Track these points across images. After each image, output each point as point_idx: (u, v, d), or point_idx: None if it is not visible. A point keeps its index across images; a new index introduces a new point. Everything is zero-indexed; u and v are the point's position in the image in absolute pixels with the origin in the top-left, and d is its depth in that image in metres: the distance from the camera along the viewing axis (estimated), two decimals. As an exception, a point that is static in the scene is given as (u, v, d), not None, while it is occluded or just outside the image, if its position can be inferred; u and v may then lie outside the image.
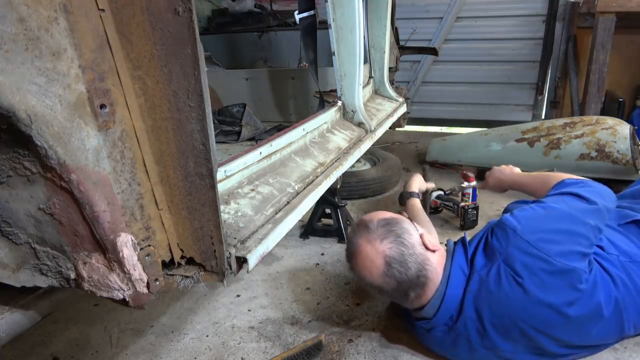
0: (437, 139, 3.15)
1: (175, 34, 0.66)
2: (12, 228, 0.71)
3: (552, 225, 1.14)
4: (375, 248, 1.16)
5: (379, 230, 1.18)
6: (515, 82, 4.27)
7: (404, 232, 1.19)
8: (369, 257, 1.16)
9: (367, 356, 1.39)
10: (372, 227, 1.19)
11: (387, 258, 1.14)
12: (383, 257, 1.15)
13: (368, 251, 1.16)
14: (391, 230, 1.18)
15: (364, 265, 1.18)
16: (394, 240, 1.16)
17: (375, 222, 1.20)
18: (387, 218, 1.23)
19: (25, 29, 0.54)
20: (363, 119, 1.85)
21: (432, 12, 4.33)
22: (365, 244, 1.17)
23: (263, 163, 1.25)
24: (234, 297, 1.73)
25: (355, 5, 1.65)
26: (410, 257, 1.16)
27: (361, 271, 1.19)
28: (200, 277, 0.84)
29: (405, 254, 1.15)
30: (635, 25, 3.30)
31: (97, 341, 1.52)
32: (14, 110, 0.55)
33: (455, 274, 1.18)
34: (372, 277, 1.17)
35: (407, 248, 1.16)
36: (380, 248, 1.15)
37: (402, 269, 1.14)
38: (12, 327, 0.82)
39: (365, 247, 1.17)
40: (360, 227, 1.22)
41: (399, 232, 1.18)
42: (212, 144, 0.74)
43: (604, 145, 2.36)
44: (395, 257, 1.15)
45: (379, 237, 1.17)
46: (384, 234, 1.17)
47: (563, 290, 1.09)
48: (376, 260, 1.15)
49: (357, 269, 1.20)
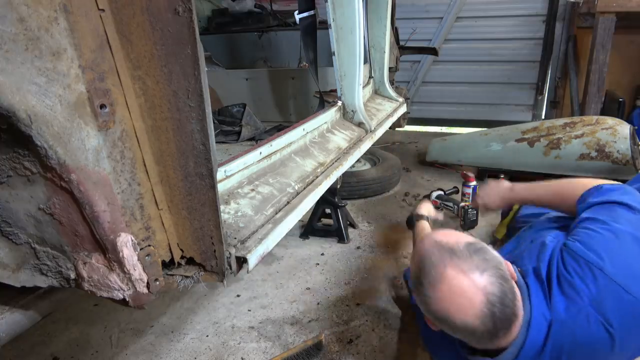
0: (437, 139, 3.15)
1: (175, 34, 0.66)
2: (12, 228, 0.71)
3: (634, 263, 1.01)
4: (474, 282, 0.92)
5: (474, 258, 0.95)
6: (515, 82, 4.27)
7: (499, 262, 0.99)
8: (465, 292, 0.92)
9: (367, 356, 1.39)
10: (462, 253, 0.96)
11: (489, 296, 0.92)
12: (485, 294, 0.92)
13: (464, 285, 0.92)
14: (487, 259, 0.96)
15: (457, 303, 0.93)
16: (494, 273, 0.95)
17: (463, 246, 0.98)
18: (471, 242, 1.01)
19: (25, 29, 0.54)
20: (363, 119, 1.85)
21: (432, 12, 4.32)
22: (460, 276, 0.93)
23: (263, 163, 1.24)
24: (234, 297, 1.73)
25: (355, 5, 1.65)
26: (509, 292, 0.95)
27: (449, 309, 0.94)
28: (200, 277, 0.84)
29: (505, 289, 0.95)
30: (635, 25, 3.30)
31: (97, 341, 1.52)
32: (14, 110, 0.55)
33: (536, 318, 1.00)
34: (464, 317, 0.93)
35: (506, 282, 0.96)
36: (481, 283, 0.92)
37: (502, 307, 0.93)
38: (12, 327, 0.82)
39: (460, 280, 0.93)
40: (442, 250, 0.99)
41: (495, 262, 0.97)
42: (212, 144, 0.74)
43: (604, 145, 2.36)
44: (497, 293, 0.93)
45: (477, 267, 0.94)
46: (482, 264, 0.95)
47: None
48: (475, 297, 0.92)
49: (442, 305, 0.95)
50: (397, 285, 1.76)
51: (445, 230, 1.08)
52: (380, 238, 2.14)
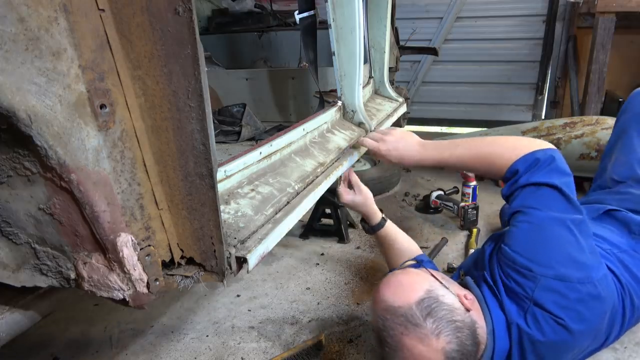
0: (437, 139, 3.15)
1: (175, 34, 0.66)
2: (12, 228, 0.71)
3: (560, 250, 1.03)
4: (433, 348, 0.96)
5: (427, 322, 0.97)
6: (515, 82, 4.26)
7: (449, 310, 1.00)
8: (426, 357, 0.96)
9: (367, 356, 1.39)
10: (415, 319, 0.98)
11: (449, 354, 0.96)
12: (443, 354, 0.96)
13: (423, 352, 0.96)
14: (439, 318, 0.98)
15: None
16: (450, 331, 0.97)
17: (413, 310, 0.99)
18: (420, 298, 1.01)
19: (25, 29, 0.54)
20: (363, 119, 1.85)
21: (432, 12, 4.32)
22: (417, 345, 0.96)
23: (263, 163, 1.24)
24: (234, 297, 1.73)
25: (355, 5, 1.65)
26: (467, 338, 0.99)
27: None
28: (200, 277, 0.84)
29: (462, 338, 0.98)
30: (635, 25, 3.30)
31: (97, 341, 1.52)
32: (14, 110, 0.55)
33: (498, 325, 1.05)
34: None
35: (461, 330, 0.99)
36: (439, 346, 0.96)
37: (464, 355, 0.98)
38: (12, 327, 0.82)
39: (418, 349, 0.96)
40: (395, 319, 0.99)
41: (447, 316, 0.99)
42: (212, 144, 0.74)
43: (604, 145, 2.35)
44: (456, 348, 0.97)
45: (432, 332, 0.96)
46: (436, 326, 0.97)
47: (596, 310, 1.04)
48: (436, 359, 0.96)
49: None
50: None
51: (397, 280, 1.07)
52: (380, 238, 2.14)
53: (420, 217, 2.37)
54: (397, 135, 1.35)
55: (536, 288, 1.01)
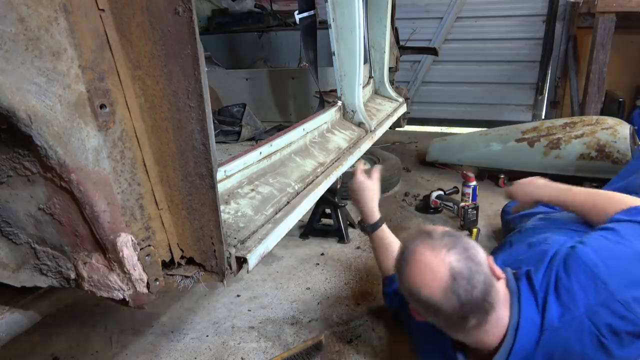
0: (437, 139, 3.16)
1: (175, 34, 0.66)
2: (12, 228, 0.71)
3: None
4: (440, 257, 0.97)
5: (444, 239, 1.00)
6: (515, 82, 4.27)
7: (472, 246, 1.01)
8: (430, 266, 0.97)
9: (367, 356, 1.39)
10: (435, 235, 1.02)
11: (453, 271, 0.95)
12: (448, 268, 0.96)
13: (430, 260, 0.97)
14: (458, 242, 1.00)
15: (423, 275, 0.98)
16: (462, 253, 0.98)
17: (438, 231, 1.04)
18: (450, 230, 1.06)
19: (25, 29, 0.54)
20: (363, 119, 1.85)
21: (432, 12, 4.32)
22: (427, 251, 0.99)
23: (263, 163, 1.25)
24: (234, 297, 1.73)
25: (355, 5, 1.65)
26: (478, 275, 0.97)
27: (417, 282, 0.99)
28: (200, 277, 0.84)
29: (473, 270, 0.97)
30: (635, 25, 3.30)
31: (97, 341, 1.52)
32: (14, 110, 0.55)
33: (525, 324, 1.00)
34: (430, 291, 0.97)
35: (475, 264, 0.98)
36: (447, 258, 0.97)
37: (469, 286, 0.95)
38: (12, 327, 0.82)
39: (427, 255, 0.98)
40: (419, 233, 1.05)
41: (466, 246, 1.00)
42: (212, 144, 0.74)
43: (604, 145, 2.36)
44: (463, 271, 0.96)
45: (445, 246, 0.98)
46: (451, 243, 0.99)
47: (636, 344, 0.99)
48: (439, 271, 0.96)
49: (412, 280, 1.00)
50: None
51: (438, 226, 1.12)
52: (380, 238, 2.14)
53: (420, 217, 2.37)
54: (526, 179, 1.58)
55: (599, 302, 0.96)
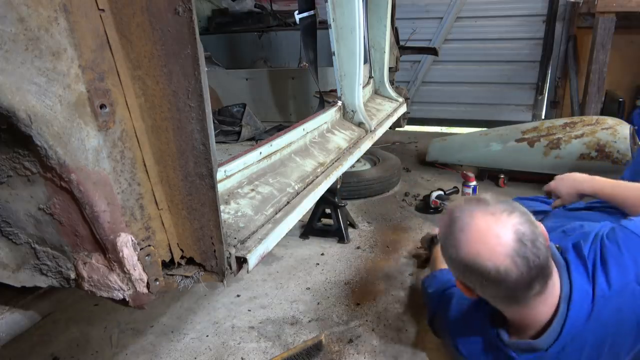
0: (437, 139, 3.16)
1: (175, 34, 0.66)
2: (12, 228, 0.71)
3: None
4: (502, 221, 0.90)
5: (500, 204, 0.94)
6: (515, 82, 4.27)
7: (526, 210, 0.95)
8: (494, 232, 0.89)
9: (367, 356, 1.39)
10: (490, 201, 0.95)
11: (519, 233, 0.89)
12: (514, 231, 0.89)
13: (492, 224, 0.90)
14: (516, 206, 0.95)
15: (486, 243, 0.90)
16: (523, 216, 0.92)
17: (489, 197, 0.98)
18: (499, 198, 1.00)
19: (25, 29, 0.54)
20: (363, 119, 1.85)
21: (432, 12, 4.32)
22: (487, 216, 0.92)
23: (263, 163, 1.25)
24: (234, 297, 1.73)
25: (355, 5, 1.65)
26: (541, 237, 0.92)
27: (480, 251, 0.91)
28: (200, 277, 0.84)
29: (536, 232, 0.91)
30: (635, 25, 3.30)
31: (97, 341, 1.52)
32: (14, 110, 0.55)
33: (578, 293, 0.96)
34: (495, 258, 0.89)
35: (536, 227, 0.93)
36: (509, 221, 0.90)
37: (535, 249, 0.89)
38: (12, 327, 0.82)
39: (487, 220, 0.91)
40: (469, 201, 0.98)
41: (522, 209, 0.94)
42: (212, 144, 0.74)
43: (604, 145, 2.36)
44: (527, 233, 0.90)
45: (504, 210, 0.92)
46: (509, 207, 0.93)
47: None
48: (505, 235, 0.89)
49: (473, 250, 0.92)
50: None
51: None
52: (380, 238, 2.14)
53: (420, 217, 2.37)
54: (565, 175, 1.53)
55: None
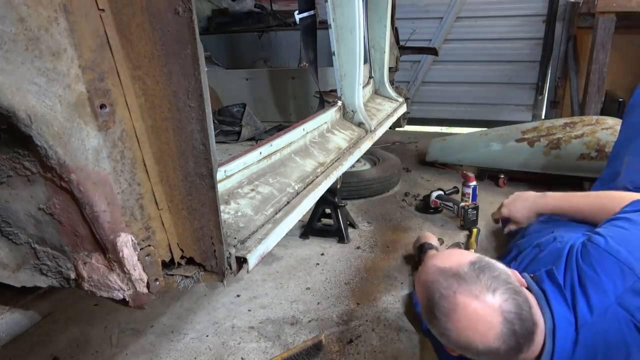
0: (437, 139, 3.16)
1: (175, 34, 0.66)
2: (12, 228, 0.71)
3: None
4: (489, 304, 0.90)
5: (481, 278, 0.92)
6: (515, 82, 4.27)
7: (507, 275, 0.95)
8: (481, 317, 0.90)
9: (367, 356, 1.39)
10: (469, 275, 0.93)
11: (506, 314, 0.90)
12: (501, 313, 0.89)
13: (479, 310, 0.90)
14: (494, 277, 0.93)
15: (474, 328, 0.90)
16: (506, 290, 0.92)
17: (467, 267, 0.95)
18: (474, 260, 0.97)
19: (25, 29, 0.54)
20: (363, 119, 1.85)
21: (432, 12, 4.32)
22: (472, 301, 0.90)
23: (263, 163, 1.25)
24: (234, 297, 1.73)
25: (355, 5, 1.65)
26: (524, 304, 0.92)
27: (469, 337, 0.91)
28: (200, 277, 0.84)
29: (520, 302, 0.92)
30: (635, 25, 3.30)
31: (97, 341, 1.52)
32: (14, 110, 0.55)
33: (560, 325, 0.95)
34: (485, 341, 0.90)
35: (519, 295, 0.93)
36: (496, 303, 0.90)
37: (521, 322, 0.91)
38: (12, 327, 0.82)
39: (474, 306, 0.90)
40: (448, 278, 0.95)
41: (503, 277, 0.94)
42: (212, 144, 0.74)
43: (604, 145, 2.36)
44: (513, 310, 0.90)
45: (487, 288, 0.91)
46: (491, 283, 0.92)
47: None
48: (492, 319, 0.89)
49: (461, 335, 0.92)
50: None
51: (444, 253, 1.05)
52: (380, 238, 2.14)
53: (420, 217, 2.37)
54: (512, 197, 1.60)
55: (627, 287, 0.93)
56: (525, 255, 1.32)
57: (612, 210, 1.20)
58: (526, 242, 1.41)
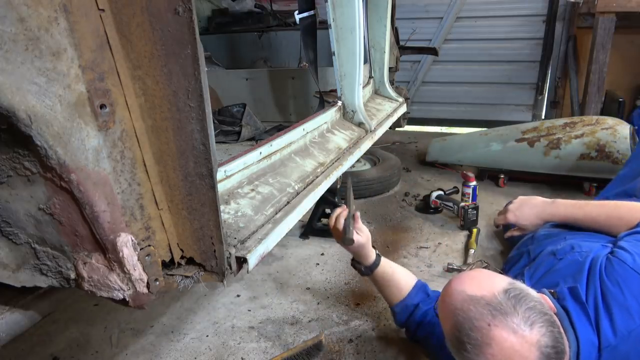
0: (437, 139, 3.16)
1: (175, 34, 0.66)
2: (12, 228, 0.71)
3: None
4: (527, 339, 0.84)
5: (517, 310, 0.86)
6: (515, 82, 4.27)
7: (539, 302, 0.90)
8: (518, 352, 0.83)
9: (367, 356, 1.39)
10: (505, 307, 0.86)
11: (543, 349, 0.84)
12: (538, 348, 0.84)
13: (517, 345, 0.83)
14: (530, 307, 0.87)
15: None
16: (544, 322, 0.86)
17: (500, 297, 0.88)
18: (507, 288, 0.90)
19: (25, 29, 0.54)
20: (363, 119, 1.85)
21: (432, 12, 4.32)
22: (510, 336, 0.83)
23: (263, 163, 1.25)
24: (234, 297, 1.73)
25: (355, 5, 1.65)
26: (560, 336, 0.87)
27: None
28: (200, 277, 0.84)
29: (556, 335, 0.87)
30: (635, 25, 3.30)
31: (97, 341, 1.52)
32: (14, 110, 0.55)
33: (585, 347, 0.91)
34: None
35: (554, 325, 0.88)
36: (534, 338, 0.84)
37: (557, 355, 0.86)
38: (12, 327, 0.82)
39: (512, 341, 0.83)
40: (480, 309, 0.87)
41: (538, 307, 0.88)
42: (212, 144, 0.74)
43: (604, 145, 2.36)
44: (551, 344, 0.85)
45: (525, 321, 0.85)
46: (529, 315, 0.86)
47: None
48: (530, 354, 0.83)
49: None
50: None
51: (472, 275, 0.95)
52: (380, 238, 2.14)
53: (420, 217, 2.37)
54: (517, 201, 1.54)
55: None
56: (540, 264, 1.26)
57: (630, 222, 1.16)
58: (537, 248, 1.36)
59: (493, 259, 1.89)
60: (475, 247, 1.97)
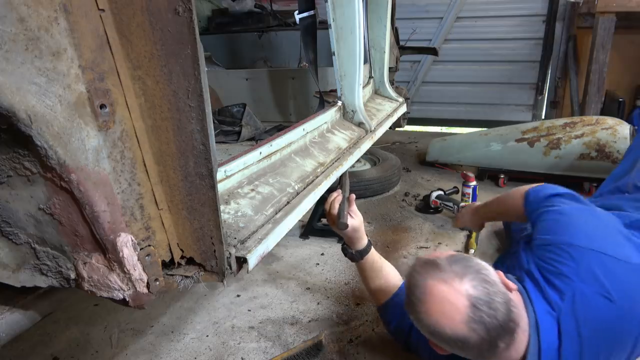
0: (437, 139, 3.16)
1: (175, 34, 0.66)
2: (12, 228, 0.71)
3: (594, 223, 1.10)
4: (455, 288, 0.92)
5: (452, 267, 0.96)
6: (515, 82, 4.27)
7: (482, 267, 0.98)
8: (447, 299, 0.92)
9: (367, 356, 1.39)
10: (442, 264, 0.97)
11: (472, 299, 0.91)
12: (467, 297, 0.91)
13: (445, 292, 0.93)
14: (467, 266, 0.96)
15: (442, 311, 0.93)
16: (475, 277, 0.94)
17: (443, 259, 0.99)
18: (453, 254, 1.02)
19: (25, 29, 0.54)
20: (363, 119, 1.85)
21: (432, 12, 4.33)
22: (440, 284, 0.94)
23: (263, 163, 1.24)
24: (234, 297, 1.73)
25: (355, 5, 1.65)
26: (496, 296, 0.93)
27: (438, 319, 0.93)
28: (200, 277, 0.84)
29: (491, 292, 0.93)
30: (635, 25, 3.30)
31: (97, 341, 1.52)
32: (14, 110, 0.55)
33: (542, 318, 0.98)
34: (453, 326, 0.92)
35: (491, 285, 0.94)
36: (462, 287, 0.92)
37: (491, 311, 0.91)
38: (12, 327, 0.82)
39: (441, 288, 0.93)
40: (424, 266, 1.00)
41: (477, 268, 0.96)
42: (212, 144, 0.74)
43: (604, 145, 2.36)
44: (482, 297, 0.92)
45: (456, 275, 0.94)
46: (462, 270, 0.95)
47: None
48: (458, 302, 0.91)
49: (432, 318, 0.94)
50: None
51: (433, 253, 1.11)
52: (380, 238, 2.14)
53: (420, 217, 2.37)
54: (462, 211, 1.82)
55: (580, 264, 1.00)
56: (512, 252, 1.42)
57: (517, 205, 1.33)
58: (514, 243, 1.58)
59: (492, 259, 1.89)
60: (475, 247, 1.97)
